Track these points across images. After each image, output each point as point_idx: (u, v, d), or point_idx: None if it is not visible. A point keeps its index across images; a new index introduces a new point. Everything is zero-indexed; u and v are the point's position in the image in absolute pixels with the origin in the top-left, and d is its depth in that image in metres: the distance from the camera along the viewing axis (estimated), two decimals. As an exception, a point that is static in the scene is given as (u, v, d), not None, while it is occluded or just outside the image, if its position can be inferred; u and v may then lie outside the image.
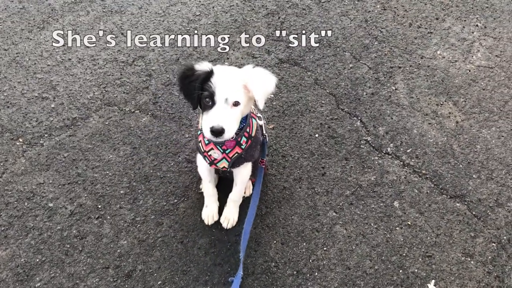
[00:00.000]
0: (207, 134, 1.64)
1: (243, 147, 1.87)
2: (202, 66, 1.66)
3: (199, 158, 2.03)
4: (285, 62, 3.05)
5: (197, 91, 1.63)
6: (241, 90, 1.65)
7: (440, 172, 2.43)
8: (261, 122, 2.04)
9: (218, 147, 1.85)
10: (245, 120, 1.85)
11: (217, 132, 1.61)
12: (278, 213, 2.25)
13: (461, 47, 3.17)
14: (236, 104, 1.65)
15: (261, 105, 1.68)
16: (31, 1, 3.50)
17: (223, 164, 1.91)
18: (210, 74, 1.64)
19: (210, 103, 1.64)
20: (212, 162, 1.92)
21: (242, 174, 2.03)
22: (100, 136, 2.58)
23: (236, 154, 1.88)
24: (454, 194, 2.35)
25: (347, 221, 2.23)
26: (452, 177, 2.42)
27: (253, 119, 1.92)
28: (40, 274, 2.02)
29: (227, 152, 1.87)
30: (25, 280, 2.00)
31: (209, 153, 1.89)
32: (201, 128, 1.81)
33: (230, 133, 1.64)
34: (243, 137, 1.85)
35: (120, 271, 2.03)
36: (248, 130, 1.87)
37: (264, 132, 2.06)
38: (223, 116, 1.62)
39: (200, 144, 1.91)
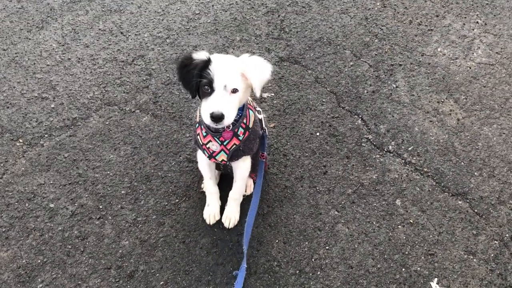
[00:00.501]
0: (207, 120, 1.66)
1: (240, 138, 1.88)
2: (200, 55, 1.69)
3: (199, 153, 2.04)
4: (285, 60, 3.04)
5: (196, 78, 1.66)
6: (239, 77, 1.68)
7: (441, 170, 2.43)
8: (261, 116, 2.05)
9: (216, 138, 1.86)
10: (241, 111, 1.86)
11: (217, 117, 1.63)
12: (280, 212, 2.25)
13: (462, 44, 3.16)
14: (234, 91, 1.68)
15: (258, 93, 1.72)
16: (29, 0, 3.48)
17: (222, 156, 1.92)
18: (208, 62, 1.67)
19: (209, 90, 1.66)
20: (211, 156, 1.93)
21: (242, 169, 2.03)
22: (101, 136, 2.57)
23: (234, 146, 1.89)
24: (456, 192, 2.34)
25: (349, 219, 2.23)
26: (454, 175, 2.41)
27: (250, 111, 1.93)
28: (42, 275, 2.01)
29: (225, 143, 1.87)
30: (26, 282, 1.99)
31: (207, 146, 1.90)
32: (200, 121, 1.81)
33: (229, 119, 1.67)
34: (240, 128, 1.86)
35: (122, 271, 2.03)
36: (245, 121, 1.88)
37: (264, 126, 2.07)
38: (222, 102, 1.64)
39: (198, 136, 1.92)
